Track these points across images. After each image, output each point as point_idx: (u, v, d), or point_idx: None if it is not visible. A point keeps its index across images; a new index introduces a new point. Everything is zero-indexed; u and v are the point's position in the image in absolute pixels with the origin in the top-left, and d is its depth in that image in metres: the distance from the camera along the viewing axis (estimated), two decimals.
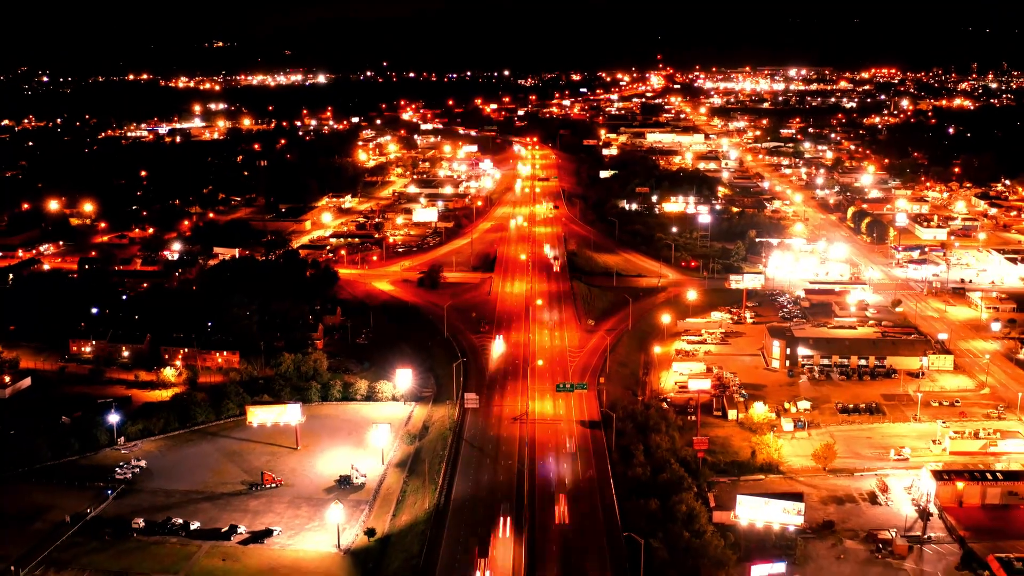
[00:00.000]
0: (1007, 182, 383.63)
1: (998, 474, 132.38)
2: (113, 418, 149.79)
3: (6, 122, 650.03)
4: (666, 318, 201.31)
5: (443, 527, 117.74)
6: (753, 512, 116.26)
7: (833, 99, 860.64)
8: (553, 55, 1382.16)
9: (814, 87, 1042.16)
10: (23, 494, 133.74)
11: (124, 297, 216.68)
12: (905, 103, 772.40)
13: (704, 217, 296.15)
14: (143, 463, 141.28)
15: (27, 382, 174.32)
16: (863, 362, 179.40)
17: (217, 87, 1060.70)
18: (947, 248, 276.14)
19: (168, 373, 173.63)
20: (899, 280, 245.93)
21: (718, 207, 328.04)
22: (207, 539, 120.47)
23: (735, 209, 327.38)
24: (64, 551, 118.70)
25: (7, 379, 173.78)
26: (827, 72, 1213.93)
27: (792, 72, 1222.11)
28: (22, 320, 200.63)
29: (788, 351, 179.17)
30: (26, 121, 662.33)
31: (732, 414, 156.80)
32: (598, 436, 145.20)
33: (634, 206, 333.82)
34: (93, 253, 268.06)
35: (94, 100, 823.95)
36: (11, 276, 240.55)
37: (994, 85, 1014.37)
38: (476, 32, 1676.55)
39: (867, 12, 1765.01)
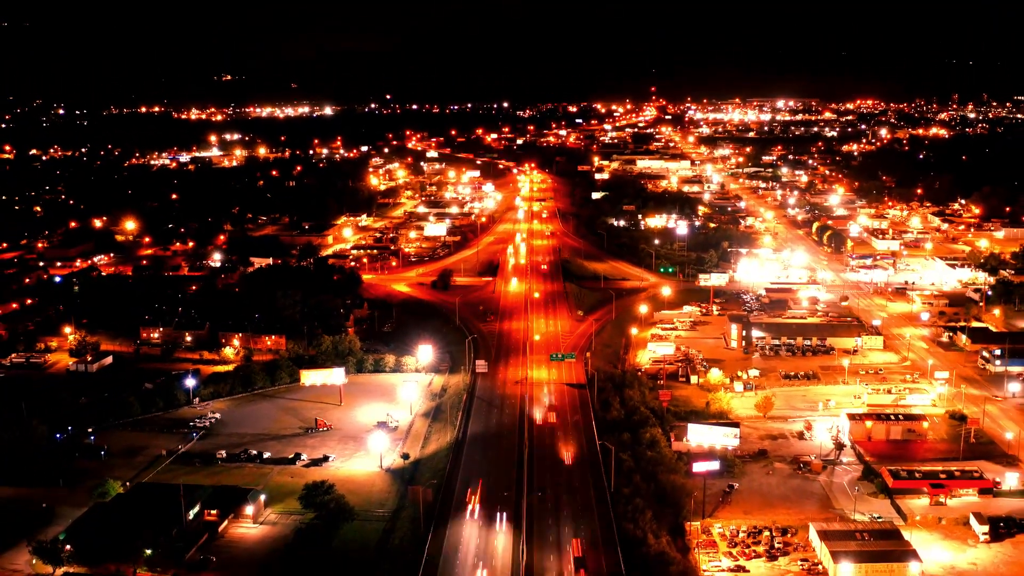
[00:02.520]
0: (962, 201, 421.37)
1: (900, 415, 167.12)
2: (189, 383, 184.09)
3: (33, 151, 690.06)
4: (643, 308, 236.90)
5: (462, 452, 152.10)
6: (701, 436, 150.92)
7: (816, 128, 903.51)
8: (551, 87, 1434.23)
9: (799, 117, 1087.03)
10: (123, 438, 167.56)
11: (179, 295, 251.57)
12: (884, 132, 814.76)
13: (682, 229, 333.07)
14: (217, 415, 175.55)
15: (109, 360, 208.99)
16: (807, 342, 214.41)
17: (228, 118, 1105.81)
18: (896, 256, 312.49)
19: (228, 352, 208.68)
20: (851, 282, 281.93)
21: (697, 223, 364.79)
22: (277, 464, 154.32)
23: (712, 225, 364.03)
24: (165, 473, 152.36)
25: (89, 357, 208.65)
26: (814, 103, 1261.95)
27: (780, 103, 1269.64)
28: (93, 314, 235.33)
29: (744, 333, 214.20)
30: (52, 150, 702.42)
31: (694, 379, 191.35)
32: (583, 394, 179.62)
33: (622, 222, 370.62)
34: (144, 262, 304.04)
35: (112, 131, 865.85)
36: (74, 280, 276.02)
37: (972, 115, 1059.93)
38: (477, 65, 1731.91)
39: (855, 45, 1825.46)
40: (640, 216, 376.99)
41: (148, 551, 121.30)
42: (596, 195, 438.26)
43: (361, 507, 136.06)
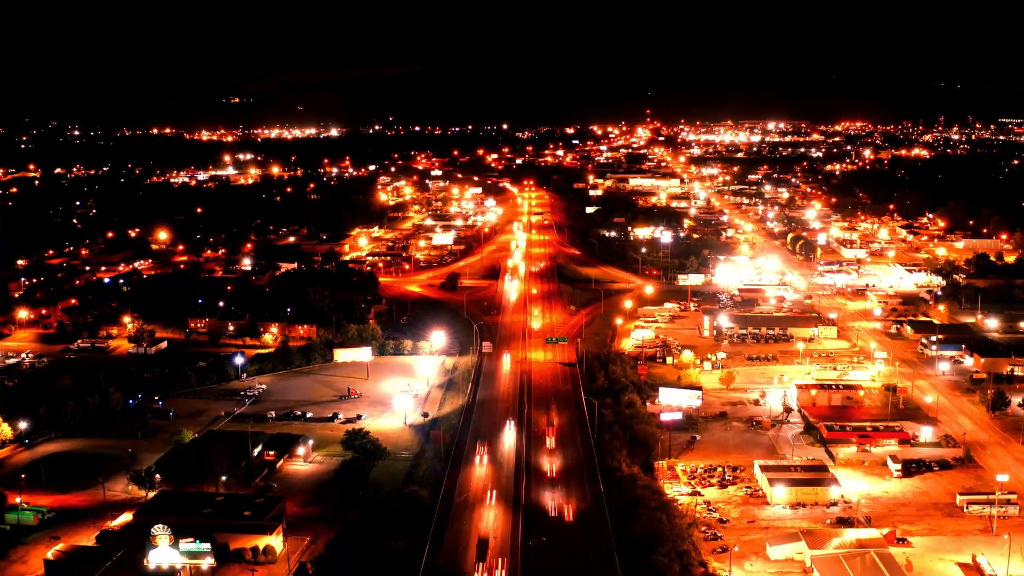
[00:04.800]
0: (930, 215, 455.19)
1: (840, 385, 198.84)
2: (238, 360, 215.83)
3: (58, 170, 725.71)
4: (628, 304, 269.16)
5: (472, 411, 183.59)
6: (669, 398, 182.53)
7: (803, 149, 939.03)
8: (549, 110, 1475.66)
9: (788, 139, 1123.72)
10: (185, 404, 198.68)
11: (218, 293, 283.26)
12: (867, 153, 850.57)
13: (667, 239, 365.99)
14: (264, 386, 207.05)
15: (164, 345, 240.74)
16: (771, 332, 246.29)
17: (238, 139, 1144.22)
18: (861, 263, 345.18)
19: (267, 338, 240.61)
20: (817, 285, 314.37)
21: (682, 234, 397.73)
22: (319, 422, 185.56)
23: (695, 235, 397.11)
24: (225, 429, 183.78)
25: (146, 343, 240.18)
26: (803, 125, 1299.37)
27: (771, 125, 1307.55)
28: (143, 309, 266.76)
29: (715, 323, 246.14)
30: (75, 169, 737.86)
31: (670, 360, 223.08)
32: (574, 371, 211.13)
33: (612, 233, 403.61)
34: (182, 266, 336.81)
35: (130, 151, 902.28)
36: (122, 281, 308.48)
37: (956, 137, 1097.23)
38: (478, 89, 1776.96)
39: (844, 68, 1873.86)
40: (630, 228, 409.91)
41: (224, 477, 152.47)
42: (590, 209, 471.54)
43: (391, 451, 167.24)
